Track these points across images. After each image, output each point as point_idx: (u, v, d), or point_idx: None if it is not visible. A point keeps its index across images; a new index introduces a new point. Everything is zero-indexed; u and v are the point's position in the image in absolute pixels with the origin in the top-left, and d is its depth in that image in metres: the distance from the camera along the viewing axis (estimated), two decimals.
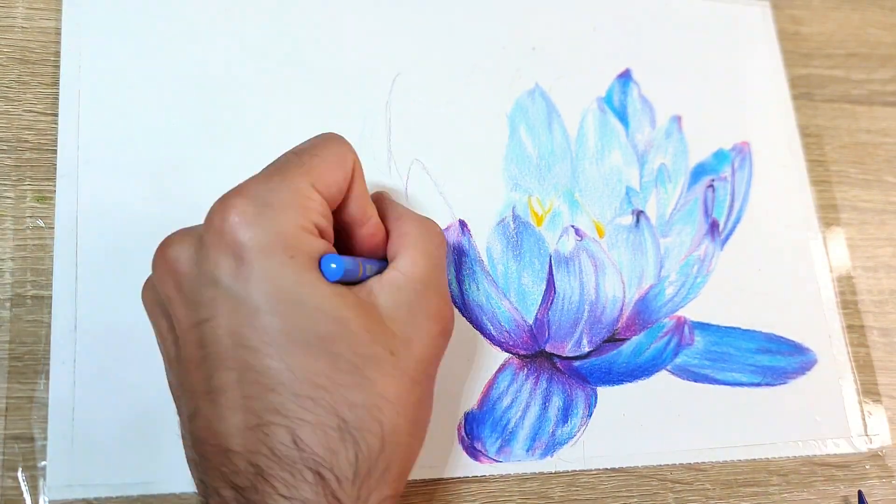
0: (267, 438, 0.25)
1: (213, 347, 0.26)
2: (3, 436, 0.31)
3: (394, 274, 0.29)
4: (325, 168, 0.28)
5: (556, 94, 0.42)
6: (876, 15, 0.50)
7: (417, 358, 0.28)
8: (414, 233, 0.30)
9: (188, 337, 0.26)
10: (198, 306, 0.26)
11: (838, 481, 0.39)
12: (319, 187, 0.27)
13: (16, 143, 0.34)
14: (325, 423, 0.25)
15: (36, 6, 0.37)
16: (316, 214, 0.27)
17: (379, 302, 0.28)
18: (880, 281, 0.44)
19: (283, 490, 0.25)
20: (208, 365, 0.26)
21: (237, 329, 0.25)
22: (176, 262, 0.27)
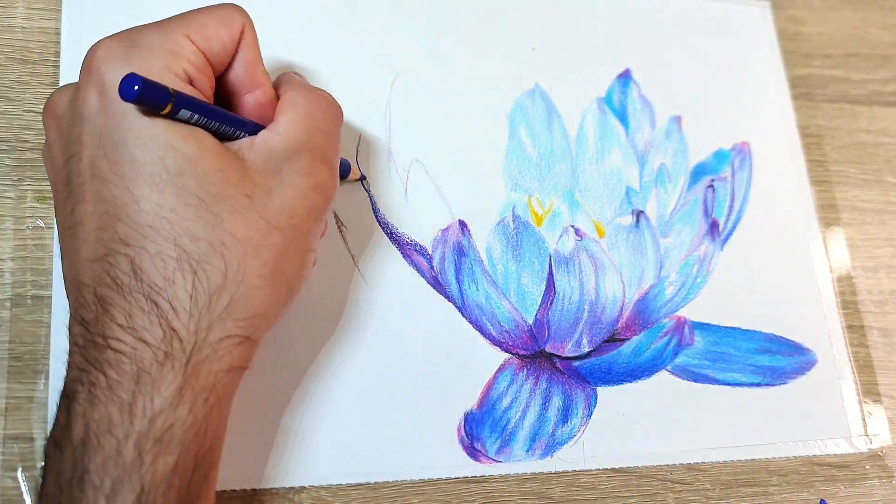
0: (111, 268, 0.26)
1: (76, 181, 0.27)
2: (2, 436, 0.31)
3: (266, 134, 0.29)
4: (205, 23, 0.28)
5: (556, 94, 0.42)
6: (876, 15, 0.50)
7: (279, 206, 0.28)
8: (299, 99, 0.30)
9: (60, 176, 0.28)
10: (69, 144, 0.27)
11: (838, 481, 0.39)
12: (196, 39, 0.28)
13: (16, 143, 0.35)
14: (164, 253, 0.26)
15: (36, 6, 0.37)
16: (185, 62, 0.27)
17: (247, 158, 0.28)
18: (880, 281, 0.44)
19: (121, 319, 0.25)
20: (72, 199, 0.27)
21: (94, 161, 0.26)
22: (55, 106, 0.29)
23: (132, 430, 0.24)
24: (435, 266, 0.37)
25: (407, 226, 0.38)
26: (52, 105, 0.29)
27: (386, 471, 0.34)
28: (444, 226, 0.38)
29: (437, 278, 0.37)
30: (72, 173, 0.27)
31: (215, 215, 0.27)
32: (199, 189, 0.26)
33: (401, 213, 0.38)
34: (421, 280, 0.37)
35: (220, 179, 0.27)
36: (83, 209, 0.26)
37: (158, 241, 0.26)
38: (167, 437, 0.25)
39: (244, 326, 0.27)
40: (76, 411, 0.25)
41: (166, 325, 0.25)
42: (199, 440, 0.26)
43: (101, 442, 0.24)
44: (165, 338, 0.25)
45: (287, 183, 0.28)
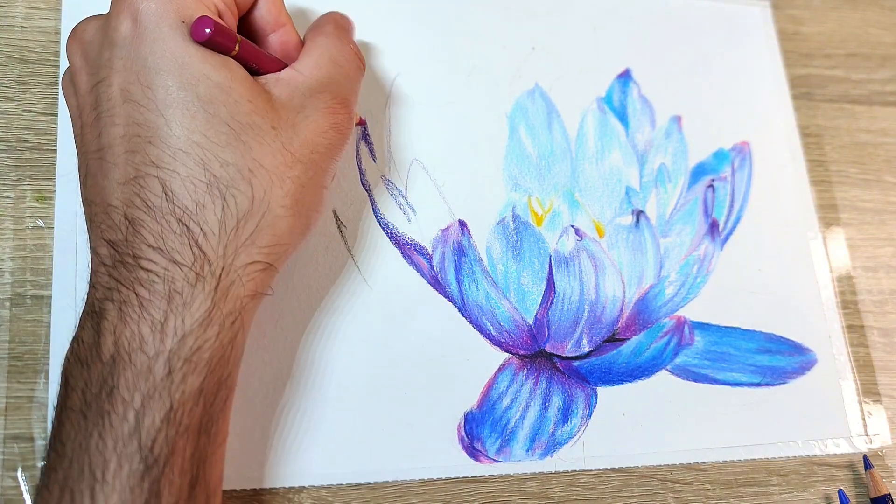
0: (141, 190, 0.26)
1: (105, 105, 0.27)
2: (2, 435, 0.31)
3: (291, 72, 0.30)
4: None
5: (556, 94, 0.42)
6: (876, 15, 0.50)
7: (302, 139, 0.29)
8: (325, 43, 0.32)
9: (87, 101, 0.28)
10: (97, 69, 0.28)
11: (838, 481, 0.39)
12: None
13: (16, 143, 0.35)
14: (195, 177, 0.27)
15: (36, 6, 0.37)
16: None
17: (272, 90, 0.29)
18: (880, 281, 0.44)
19: (151, 240, 0.26)
20: (100, 123, 0.28)
21: (126, 86, 0.27)
22: (83, 32, 0.29)
23: (163, 348, 0.25)
24: (435, 266, 0.37)
25: (407, 226, 0.38)
26: (79, 32, 0.29)
27: (386, 471, 0.34)
28: (444, 226, 0.38)
29: (437, 278, 0.37)
30: (101, 97, 0.28)
31: (244, 143, 0.27)
32: (230, 117, 0.27)
33: (401, 213, 0.38)
34: (421, 280, 0.37)
35: (250, 109, 0.28)
36: (113, 132, 0.27)
37: (189, 164, 0.27)
38: (196, 358, 0.26)
39: (267, 253, 0.28)
40: (105, 328, 0.25)
41: (196, 247, 0.26)
42: (223, 363, 0.27)
43: (133, 359, 0.25)
44: (196, 260, 0.26)
45: (310, 119, 0.30)
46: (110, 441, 0.24)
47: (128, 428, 0.24)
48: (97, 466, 0.24)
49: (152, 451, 0.25)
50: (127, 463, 0.24)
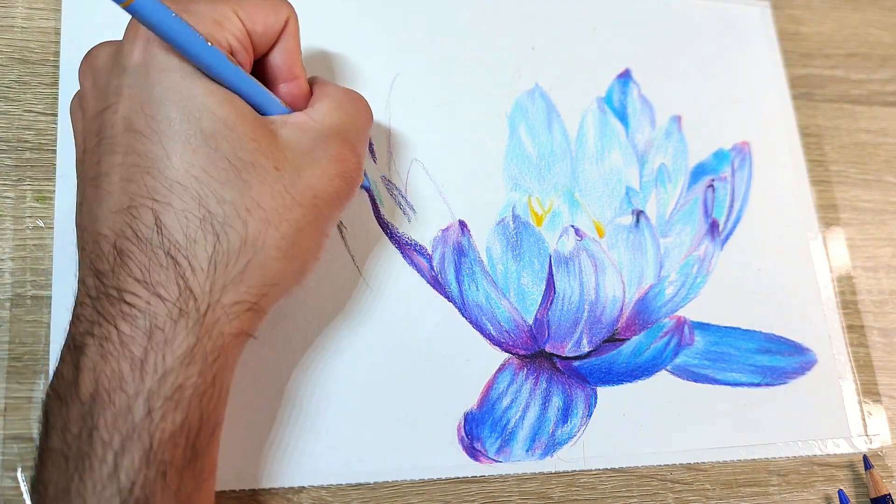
0: (133, 221, 0.26)
1: (108, 132, 0.27)
2: (2, 436, 0.31)
3: (302, 116, 0.30)
4: (257, 6, 0.29)
5: (556, 94, 0.42)
6: (876, 15, 0.50)
7: (306, 184, 0.29)
8: (335, 93, 0.31)
9: (91, 127, 0.28)
10: (105, 95, 0.28)
11: (838, 481, 0.39)
12: (243, 17, 0.29)
13: (16, 143, 0.35)
14: (189, 211, 0.26)
15: (36, 6, 0.37)
16: (230, 34, 0.28)
17: (280, 132, 0.29)
18: (880, 281, 0.44)
19: (138, 273, 0.25)
20: (100, 150, 0.27)
21: (130, 114, 0.27)
22: (95, 57, 0.29)
23: (143, 387, 0.25)
24: (435, 266, 0.37)
25: (407, 226, 0.38)
26: (91, 56, 0.29)
27: (386, 471, 0.34)
28: (444, 226, 0.38)
29: (437, 278, 0.37)
30: (104, 123, 0.27)
31: (244, 181, 0.27)
32: (232, 154, 0.27)
33: (401, 213, 0.38)
34: (421, 280, 0.37)
35: (253, 147, 0.27)
36: (112, 160, 0.27)
37: (185, 198, 0.26)
38: (177, 396, 0.25)
39: (256, 293, 0.28)
40: (85, 365, 0.25)
41: (183, 282, 0.26)
42: (205, 400, 0.26)
43: (112, 398, 0.24)
44: (181, 295, 0.26)
45: (317, 165, 0.29)
46: (90, 483, 0.24)
47: (107, 470, 0.24)
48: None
49: (131, 492, 0.24)
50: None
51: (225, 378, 0.27)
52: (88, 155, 0.28)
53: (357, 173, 0.31)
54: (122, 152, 0.27)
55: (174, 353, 0.25)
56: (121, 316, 0.25)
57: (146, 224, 0.26)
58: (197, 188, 0.26)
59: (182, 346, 0.25)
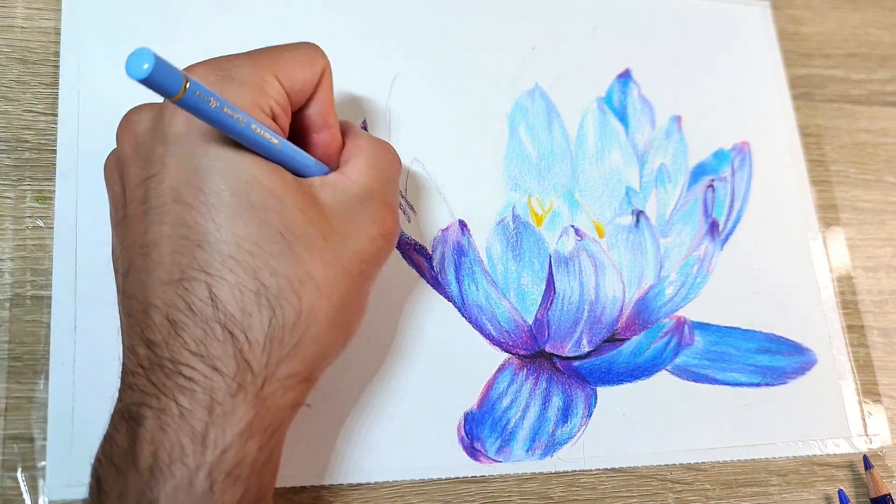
0: (186, 293, 0.25)
1: (154, 202, 0.27)
2: (2, 436, 0.31)
3: (338, 177, 0.30)
4: (292, 63, 0.29)
5: (555, 94, 0.42)
6: (876, 15, 0.50)
7: (353, 251, 0.28)
8: (367, 146, 0.31)
9: (135, 194, 0.27)
10: (149, 163, 0.27)
11: (838, 481, 0.39)
12: (282, 79, 0.28)
13: (16, 143, 0.35)
14: (244, 285, 0.26)
15: (36, 6, 0.37)
16: (272, 100, 0.28)
17: (320, 196, 0.29)
18: (880, 281, 0.44)
19: (192, 345, 0.25)
20: (147, 219, 0.27)
21: (178, 185, 0.26)
22: (136, 123, 0.28)
23: (204, 460, 0.24)
24: (435, 266, 0.37)
25: (407, 226, 0.38)
26: (131, 122, 0.29)
27: (386, 471, 0.34)
28: (444, 226, 0.38)
29: (437, 278, 0.37)
30: (150, 193, 0.27)
31: (297, 254, 0.27)
32: (283, 226, 0.27)
33: (401, 213, 0.38)
34: (421, 280, 0.37)
35: (303, 219, 0.27)
36: (161, 230, 0.26)
37: (239, 272, 0.26)
38: (237, 472, 0.25)
39: (309, 365, 0.27)
40: (143, 437, 0.24)
41: (241, 356, 0.25)
42: (263, 474, 0.26)
43: (173, 470, 0.24)
44: (239, 370, 0.25)
45: (361, 229, 0.29)
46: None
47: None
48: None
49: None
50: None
51: (279, 451, 0.27)
52: (133, 221, 0.27)
53: (395, 231, 0.31)
54: (170, 223, 0.26)
55: (234, 428, 0.25)
56: (178, 389, 0.25)
57: (199, 297, 0.25)
58: (250, 261, 0.26)
59: (242, 420, 0.25)
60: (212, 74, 0.27)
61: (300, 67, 0.29)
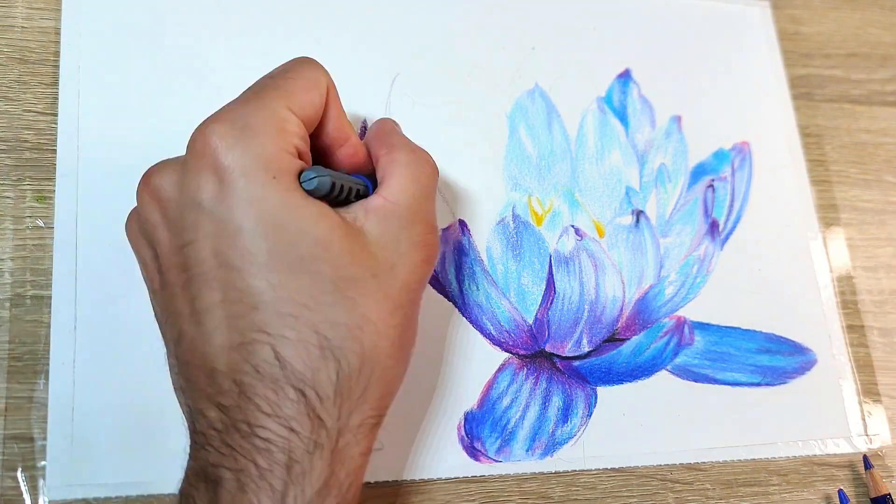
0: (250, 356, 0.25)
1: (197, 269, 0.26)
2: (2, 436, 0.31)
3: (381, 201, 0.29)
4: (300, 90, 0.28)
5: (555, 94, 0.42)
6: (876, 15, 0.50)
7: (401, 283, 0.28)
8: (404, 159, 0.30)
9: (172, 261, 0.27)
10: (182, 230, 0.27)
11: (838, 481, 0.39)
12: (295, 109, 0.28)
13: (16, 142, 0.34)
14: (306, 341, 0.26)
15: (36, 6, 0.37)
16: (294, 136, 0.28)
17: (364, 228, 0.28)
18: (880, 281, 0.44)
19: (266, 407, 0.25)
20: (193, 287, 0.26)
21: (221, 250, 0.26)
22: (160, 189, 0.28)
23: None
24: (435, 266, 0.37)
25: None
26: (154, 187, 0.28)
27: (386, 471, 0.34)
28: (444, 226, 0.38)
29: (437, 278, 0.37)
30: (190, 261, 0.26)
31: (351, 299, 0.26)
32: (333, 273, 0.26)
33: None
34: None
35: (350, 261, 0.27)
36: (210, 297, 0.26)
37: (299, 328, 0.26)
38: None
39: (377, 407, 0.27)
40: (223, 497, 0.24)
41: (314, 414, 0.25)
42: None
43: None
44: (314, 427, 0.25)
45: (406, 257, 0.29)
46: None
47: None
48: None
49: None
50: None
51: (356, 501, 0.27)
52: (177, 289, 0.27)
53: (437, 254, 0.30)
54: (219, 289, 0.26)
55: (313, 486, 0.25)
56: (255, 450, 0.25)
57: (265, 359, 0.25)
58: (308, 315, 0.26)
59: (320, 478, 0.25)
60: (230, 129, 0.26)
61: (307, 93, 0.29)
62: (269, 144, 0.26)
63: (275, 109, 0.27)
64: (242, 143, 0.26)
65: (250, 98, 0.28)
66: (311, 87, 0.29)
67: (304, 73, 0.29)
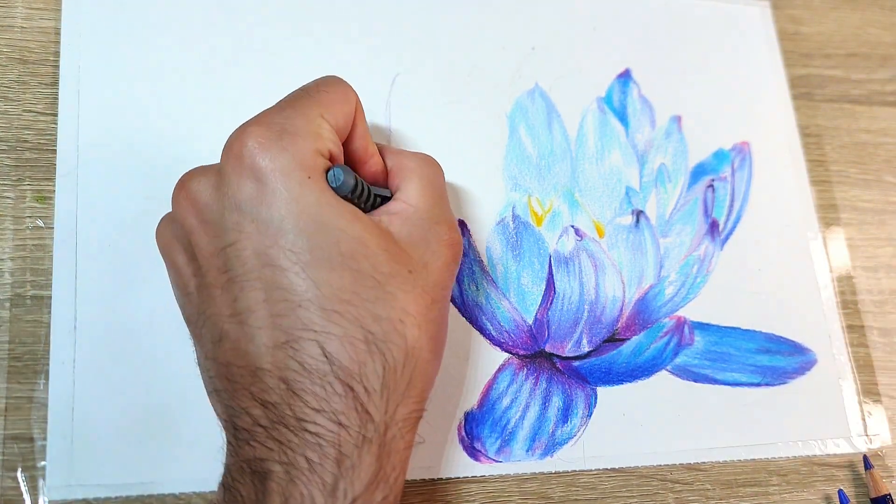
0: (296, 353, 0.26)
1: (238, 269, 0.27)
2: (2, 436, 0.31)
3: (401, 205, 0.30)
4: (333, 101, 0.29)
5: (556, 94, 0.42)
6: (876, 15, 0.50)
7: (435, 279, 0.29)
8: (413, 165, 0.32)
9: (212, 263, 0.27)
10: (222, 232, 0.27)
11: (838, 481, 0.39)
12: (329, 118, 0.29)
13: (15, 143, 0.35)
14: (352, 336, 0.26)
15: (36, 6, 0.37)
16: (328, 142, 0.28)
17: (392, 229, 0.29)
18: (880, 281, 0.44)
19: (314, 403, 0.25)
20: (234, 287, 0.27)
21: (262, 250, 0.26)
22: (197, 193, 0.28)
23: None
24: None
25: None
26: (190, 192, 0.28)
27: None
28: None
29: None
30: (232, 262, 0.27)
31: (391, 294, 0.27)
32: (373, 269, 0.27)
33: None
34: None
35: (387, 258, 0.28)
36: (253, 296, 0.26)
37: (344, 324, 0.26)
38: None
39: (420, 400, 0.28)
40: (272, 489, 0.25)
41: (361, 408, 0.26)
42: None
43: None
44: (362, 421, 0.26)
45: (436, 254, 0.29)
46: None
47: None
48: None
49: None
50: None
51: (399, 497, 0.28)
52: (217, 290, 0.27)
53: (461, 250, 0.31)
54: (263, 288, 0.26)
55: (362, 480, 0.25)
56: (306, 444, 0.25)
57: (312, 355, 0.26)
58: (353, 311, 0.26)
59: (368, 471, 0.26)
60: (268, 132, 0.27)
61: (339, 104, 0.29)
62: (306, 147, 0.27)
63: (311, 116, 0.28)
64: (279, 145, 0.27)
65: (286, 106, 0.28)
66: (343, 101, 0.30)
67: (336, 87, 0.30)
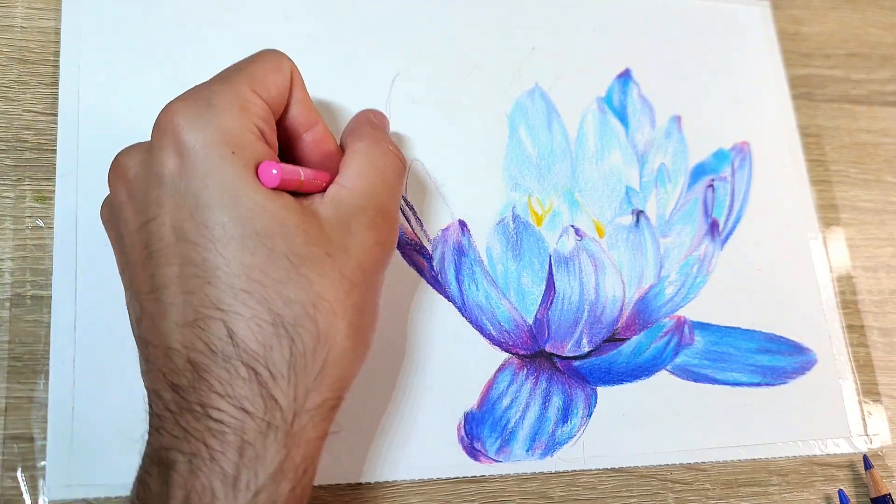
0: (203, 333, 0.25)
1: (157, 245, 0.26)
2: (2, 436, 0.31)
3: (335, 187, 0.29)
4: (262, 72, 0.29)
5: (555, 94, 0.42)
6: (876, 15, 0.50)
7: (356, 262, 0.28)
8: (364, 148, 0.31)
9: (135, 239, 0.27)
10: (145, 207, 0.27)
11: (838, 481, 0.39)
12: (259, 90, 0.28)
13: (15, 142, 0.35)
14: (259, 318, 0.25)
15: (36, 6, 0.37)
16: (257, 118, 0.28)
17: (318, 211, 0.28)
18: (880, 281, 0.44)
19: (219, 387, 0.25)
20: (152, 263, 0.26)
21: (179, 224, 0.26)
22: (126, 168, 0.28)
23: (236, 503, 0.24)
24: (435, 266, 0.37)
25: (407, 226, 0.38)
26: (121, 167, 0.28)
27: (386, 471, 0.34)
28: (444, 226, 0.38)
29: (437, 278, 0.37)
30: (152, 236, 0.26)
31: (305, 277, 0.26)
32: (288, 250, 0.26)
33: (400, 213, 0.38)
34: (421, 280, 0.37)
35: (305, 239, 0.27)
36: (168, 272, 0.26)
37: (252, 304, 0.25)
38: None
39: (336, 388, 0.27)
40: (175, 481, 0.24)
41: (267, 394, 0.25)
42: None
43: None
44: (267, 408, 0.25)
45: (357, 238, 0.29)
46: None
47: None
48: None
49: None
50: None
51: (310, 489, 0.27)
52: (138, 267, 0.27)
53: (391, 236, 0.30)
54: (177, 263, 0.26)
55: (266, 470, 0.25)
56: (208, 432, 0.24)
57: (218, 336, 0.25)
58: (262, 292, 0.25)
59: (273, 461, 0.25)
60: (194, 105, 0.27)
61: (270, 75, 0.29)
62: (230, 121, 0.27)
63: (237, 90, 0.28)
64: (204, 120, 0.26)
65: (215, 80, 0.28)
66: (275, 70, 0.29)
67: (267, 58, 0.30)
